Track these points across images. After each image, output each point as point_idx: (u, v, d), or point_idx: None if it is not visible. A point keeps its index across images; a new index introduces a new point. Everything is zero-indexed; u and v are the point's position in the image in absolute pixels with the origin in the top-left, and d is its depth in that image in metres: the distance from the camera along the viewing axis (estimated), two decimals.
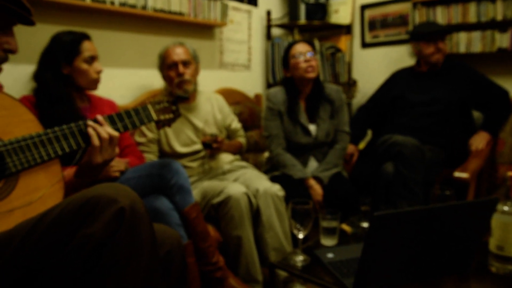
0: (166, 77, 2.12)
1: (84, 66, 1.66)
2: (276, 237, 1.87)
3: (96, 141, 1.20)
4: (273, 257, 1.86)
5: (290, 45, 2.26)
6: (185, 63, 2.07)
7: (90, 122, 1.21)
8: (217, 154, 2.18)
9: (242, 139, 2.37)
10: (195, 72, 2.15)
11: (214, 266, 1.69)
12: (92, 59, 1.68)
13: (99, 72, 1.72)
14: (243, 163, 2.25)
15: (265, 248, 1.88)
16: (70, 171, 1.33)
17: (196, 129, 2.13)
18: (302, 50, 2.19)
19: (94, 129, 1.20)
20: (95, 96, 1.84)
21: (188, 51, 2.11)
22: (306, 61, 2.17)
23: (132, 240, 0.90)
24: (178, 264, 1.20)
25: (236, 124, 2.36)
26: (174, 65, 2.06)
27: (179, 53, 2.07)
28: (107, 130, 1.22)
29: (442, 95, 2.42)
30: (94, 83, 1.72)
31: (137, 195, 0.95)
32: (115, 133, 1.24)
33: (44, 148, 1.09)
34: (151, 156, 2.07)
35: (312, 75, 2.18)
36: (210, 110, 2.22)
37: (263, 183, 1.94)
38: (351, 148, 2.55)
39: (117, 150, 1.27)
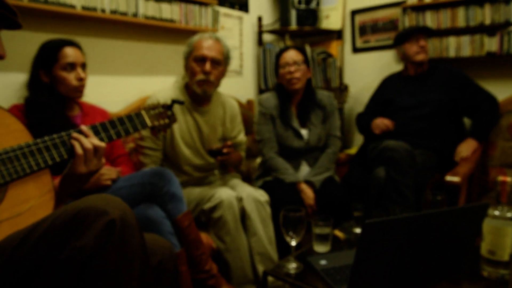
0: (188, 69, 1.95)
1: (62, 73, 1.61)
2: (260, 242, 1.88)
3: (79, 150, 1.15)
4: (258, 261, 1.88)
5: (280, 53, 2.27)
6: (215, 62, 1.92)
7: (74, 134, 1.16)
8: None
9: (242, 153, 2.27)
10: (221, 75, 2.00)
11: (207, 274, 1.68)
12: (72, 66, 1.63)
13: (81, 80, 1.65)
14: (231, 173, 2.26)
15: (250, 252, 1.89)
16: (55, 182, 1.31)
17: (202, 134, 2.03)
18: (288, 60, 2.20)
19: (77, 140, 1.15)
20: (87, 104, 1.83)
21: (222, 50, 1.95)
22: (290, 73, 2.18)
23: (122, 251, 0.89)
24: (170, 274, 1.19)
25: (242, 137, 2.25)
26: (202, 60, 1.90)
27: (211, 49, 1.90)
28: (91, 141, 1.17)
29: (431, 97, 2.44)
30: (75, 91, 1.66)
31: (127, 206, 0.95)
32: (101, 144, 1.19)
33: (33, 158, 1.08)
34: (152, 166, 1.96)
35: (296, 86, 2.21)
36: (222, 116, 2.11)
37: (246, 189, 1.96)
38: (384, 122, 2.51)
39: (103, 160, 1.22)
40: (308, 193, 2.11)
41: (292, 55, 2.21)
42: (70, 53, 1.63)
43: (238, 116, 2.20)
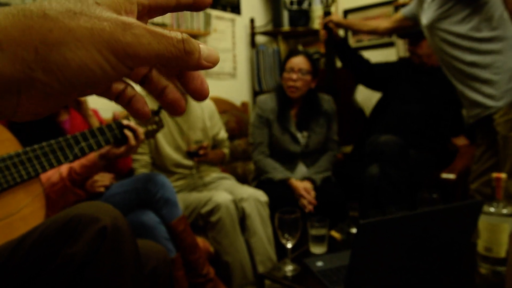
0: None
1: None
2: (260, 242, 1.89)
3: (133, 141, 1.34)
4: (259, 262, 1.89)
5: (289, 55, 2.25)
6: None
7: (126, 126, 1.35)
8: (203, 166, 2.16)
9: (226, 150, 2.31)
10: None
11: (204, 278, 1.67)
12: None
13: None
14: (224, 175, 2.26)
15: (250, 253, 1.90)
16: (93, 155, 1.38)
17: (182, 133, 2.07)
18: (294, 66, 2.17)
19: (131, 132, 1.35)
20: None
21: None
22: (292, 80, 2.16)
23: (115, 258, 0.88)
24: (165, 279, 1.18)
25: (223, 134, 2.30)
26: None
27: None
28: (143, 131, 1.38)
29: (432, 92, 2.39)
30: None
31: (119, 212, 0.94)
32: (140, 129, 1.39)
33: (23, 167, 1.07)
34: (142, 170, 1.99)
35: (293, 95, 2.20)
36: (200, 115, 2.16)
37: (246, 190, 1.99)
38: None
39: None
40: (298, 185, 2.08)
41: (299, 61, 2.17)
42: None
43: (216, 113, 2.26)
